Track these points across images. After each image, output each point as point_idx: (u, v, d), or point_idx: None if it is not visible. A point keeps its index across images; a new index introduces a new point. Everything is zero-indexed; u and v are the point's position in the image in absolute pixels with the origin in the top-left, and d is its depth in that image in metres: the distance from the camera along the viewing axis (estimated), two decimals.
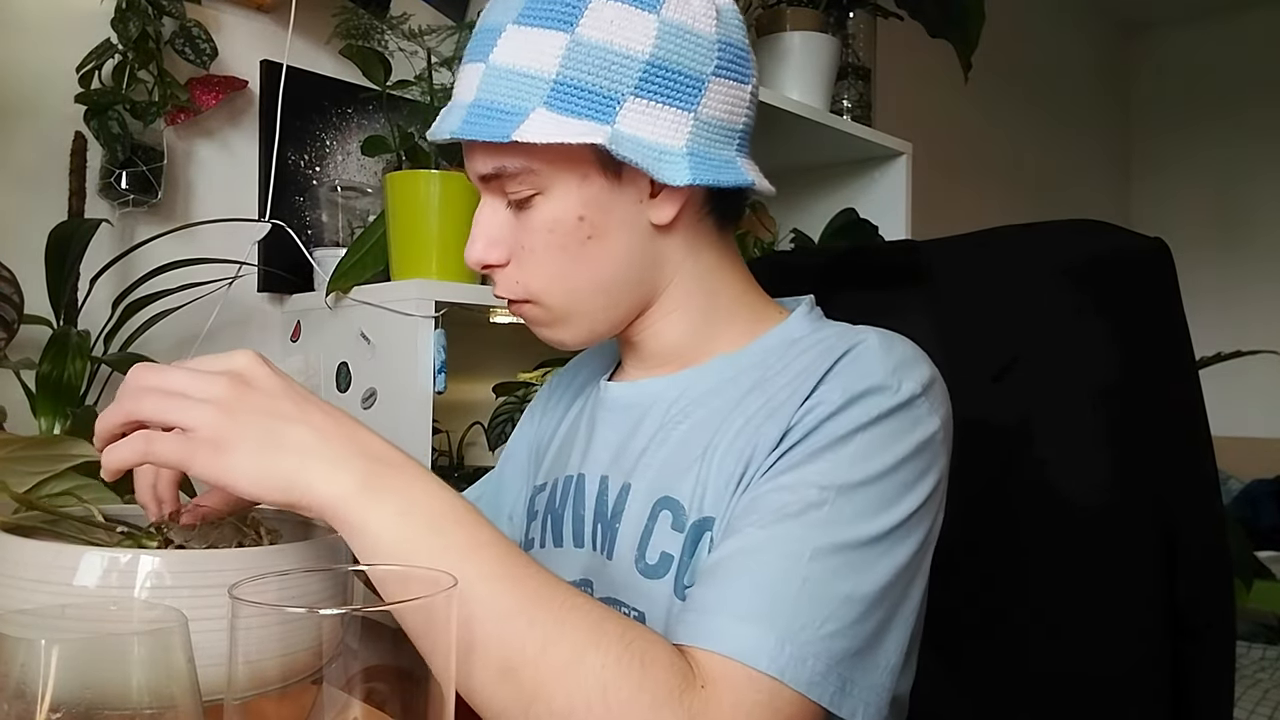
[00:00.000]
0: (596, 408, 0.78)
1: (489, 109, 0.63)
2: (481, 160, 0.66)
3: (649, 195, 0.66)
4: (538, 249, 0.66)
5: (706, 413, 0.68)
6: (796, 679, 0.52)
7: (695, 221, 0.70)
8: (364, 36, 1.26)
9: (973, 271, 0.90)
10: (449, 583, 0.42)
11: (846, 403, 0.60)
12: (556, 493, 0.77)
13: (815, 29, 1.67)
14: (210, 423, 0.50)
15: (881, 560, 0.57)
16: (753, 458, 0.62)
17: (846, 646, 0.54)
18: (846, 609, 0.54)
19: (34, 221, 1.11)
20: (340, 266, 1.25)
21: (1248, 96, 3.95)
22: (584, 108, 0.62)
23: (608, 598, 0.68)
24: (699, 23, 0.64)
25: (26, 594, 0.51)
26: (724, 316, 0.72)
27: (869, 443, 0.59)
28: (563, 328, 0.70)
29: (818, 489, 0.57)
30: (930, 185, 2.43)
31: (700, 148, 0.65)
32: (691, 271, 0.70)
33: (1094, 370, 0.80)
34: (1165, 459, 0.77)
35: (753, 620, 0.53)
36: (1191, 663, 0.75)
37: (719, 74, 0.65)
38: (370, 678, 0.42)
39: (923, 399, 0.61)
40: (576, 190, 0.65)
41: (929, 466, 0.61)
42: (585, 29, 0.62)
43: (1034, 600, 0.81)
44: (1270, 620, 2.65)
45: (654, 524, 0.66)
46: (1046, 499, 0.81)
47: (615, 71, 0.62)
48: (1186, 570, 0.75)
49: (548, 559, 0.75)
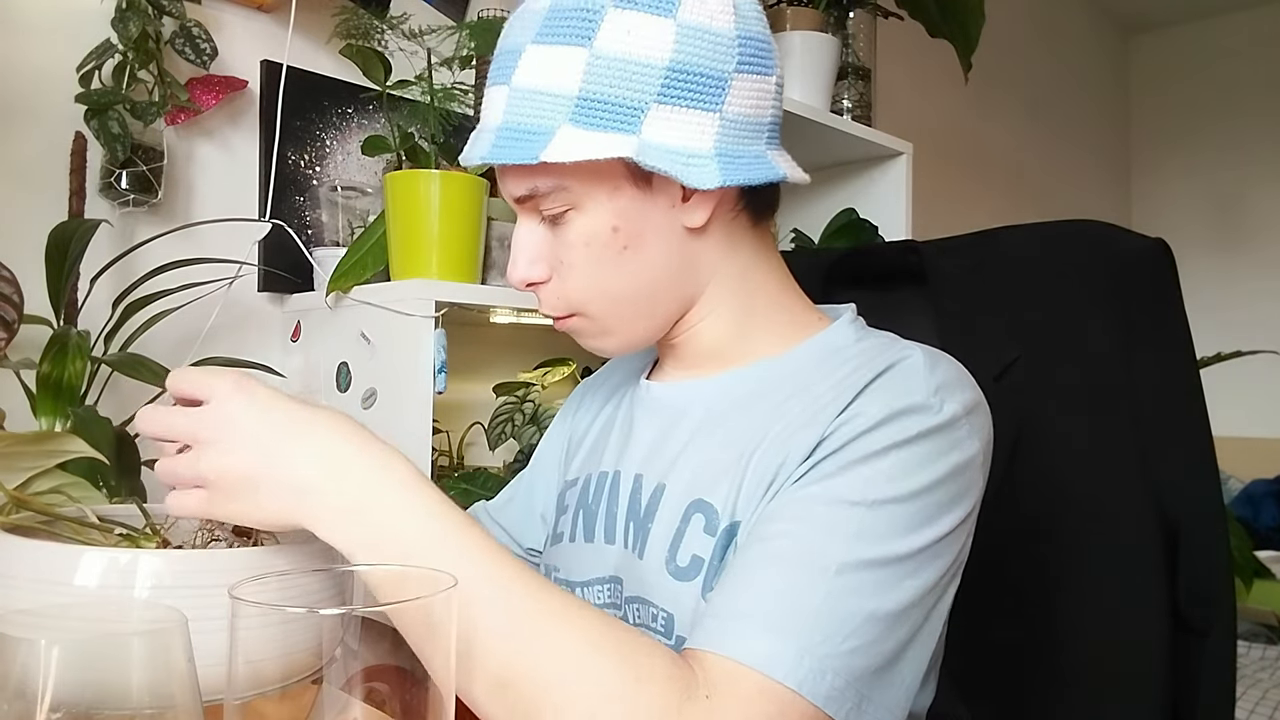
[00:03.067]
0: (635, 405, 0.78)
1: (516, 131, 0.63)
2: (514, 182, 0.66)
3: (681, 200, 0.66)
4: (576, 263, 0.66)
5: (746, 418, 0.67)
6: (814, 692, 0.51)
7: (729, 220, 0.69)
8: (364, 36, 1.26)
9: (973, 271, 0.90)
10: (448, 583, 0.42)
11: (886, 418, 0.59)
12: (590, 488, 0.77)
13: (815, 29, 1.67)
14: (213, 473, 0.54)
15: (908, 580, 0.56)
16: (784, 464, 0.61)
17: (866, 664, 0.53)
18: (869, 626, 0.54)
19: (34, 221, 1.11)
20: (340, 266, 1.25)
21: (1247, 96, 3.95)
22: (609, 121, 0.62)
23: (636, 596, 0.68)
24: (717, 21, 0.63)
25: (26, 594, 0.51)
26: (761, 316, 0.72)
27: (905, 460, 0.58)
28: (607, 337, 0.71)
29: (848, 503, 0.56)
30: (930, 185, 2.43)
31: (729, 146, 0.64)
32: (729, 271, 0.70)
33: (1095, 370, 0.80)
34: (1166, 459, 0.77)
35: (772, 629, 0.52)
36: (1191, 663, 0.75)
37: (741, 69, 0.64)
38: (370, 678, 0.42)
39: (964, 422, 0.61)
40: (608, 202, 0.65)
41: (965, 491, 0.60)
42: (603, 42, 0.62)
43: (1034, 600, 0.81)
44: (1270, 620, 2.65)
45: (686, 526, 0.66)
46: (1047, 499, 0.81)
47: (637, 81, 0.62)
48: (1187, 570, 0.75)
49: (577, 553, 0.75)
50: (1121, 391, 0.78)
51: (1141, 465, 0.77)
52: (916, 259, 0.93)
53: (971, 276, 0.89)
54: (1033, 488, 0.81)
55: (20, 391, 1.00)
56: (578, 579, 0.74)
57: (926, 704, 0.68)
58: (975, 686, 0.80)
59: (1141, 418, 0.78)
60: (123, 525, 0.62)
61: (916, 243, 0.95)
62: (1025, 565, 0.81)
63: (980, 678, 0.81)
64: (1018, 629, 0.81)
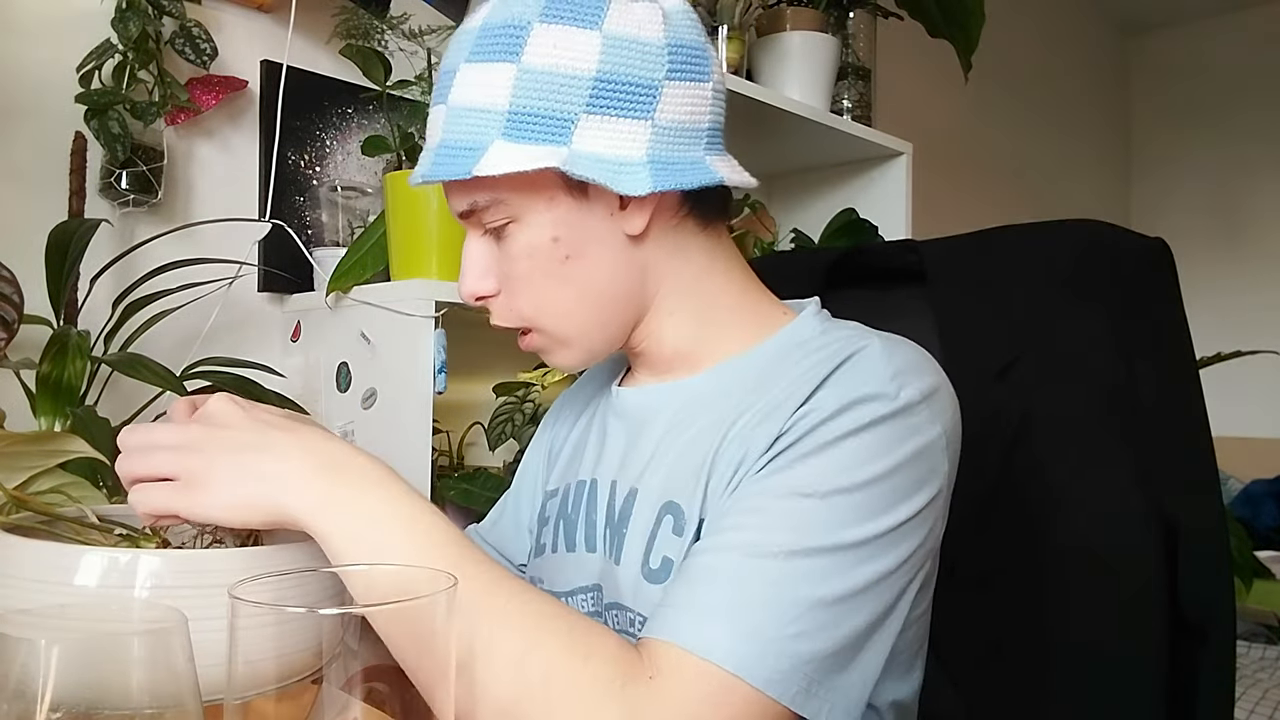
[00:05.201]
0: (608, 413, 0.78)
1: (452, 148, 0.65)
2: (455, 199, 0.68)
3: (619, 208, 0.67)
4: (521, 275, 0.68)
5: (713, 417, 0.68)
6: (754, 675, 0.52)
7: (674, 226, 0.70)
8: (364, 36, 1.26)
9: (973, 271, 0.90)
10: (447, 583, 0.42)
11: (841, 408, 0.59)
12: (569, 498, 0.77)
13: (815, 29, 1.67)
14: (186, 468, 0.54)
15: (862, 566, 0.56)
16: (744, 459, 0.62)
17: (815, 649, 0.54)
18: (817, 612, 0.54)
19: (34, 221, 1.11)
20: (340, 266, 1.25)
21: (1248, 96, 3.95)
22: (539, 133, 0.63)
23: (614, 603, 0.68)
24: (644, 30, 0.64)
25: (26, 594, 0.51)
26: (724, 317, 0.72)
27: (859, 448, 0.58)
28: (563, 351, 0.71)
29: (800, 494, 0.57)
30: (930, 185, 2.43)
31: (662, 153, 0.65)
32: (681, 275, 0.71)
33: (1094, 370, 0.80)
34: (1166, 459, 0.77)
35: (714, 616, 0.54)
36: (1191, 663, 0.75)
37: (673, 77, 0.65)
38: (370, 678, 0.42)
39: (923, 406, 0.61)
40: (547, 213, 0.66)
41: (927, 475, 0.60)
42: (530, 56, 0.63)
43: (1034, 600, 0.81)
44: (1270, 620, 2.65)
45: (658, 529, 0.67)
46: (1047, 499, 0.81)
47: (564, 93, 0.63)
48: (1186, 570, 0.75)
49: (560, 564, 0.75)
50: (1121, 391, 0.78)
51: (1141, 465, 0.77)
52: (916, 259, 0.93)
53: (971, 276, 0.89)
54: (1032, 487, 0.81)
55: (20, 391, 1.00)
56: (562, 589, 0.74)
57: (912, 691, 0.68)
58: (974, 686, 0.80)
59: (1141, 418, 0.78)
60: (123, 525, 0.62)
61: (916, 242, 0.95)
62: (1024, 565, 0.81)
63: (979, 677, 0.81)
64: (1017, 629, 0.81)
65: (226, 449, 0.55)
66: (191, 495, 0.54)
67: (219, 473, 0.54)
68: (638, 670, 0.53)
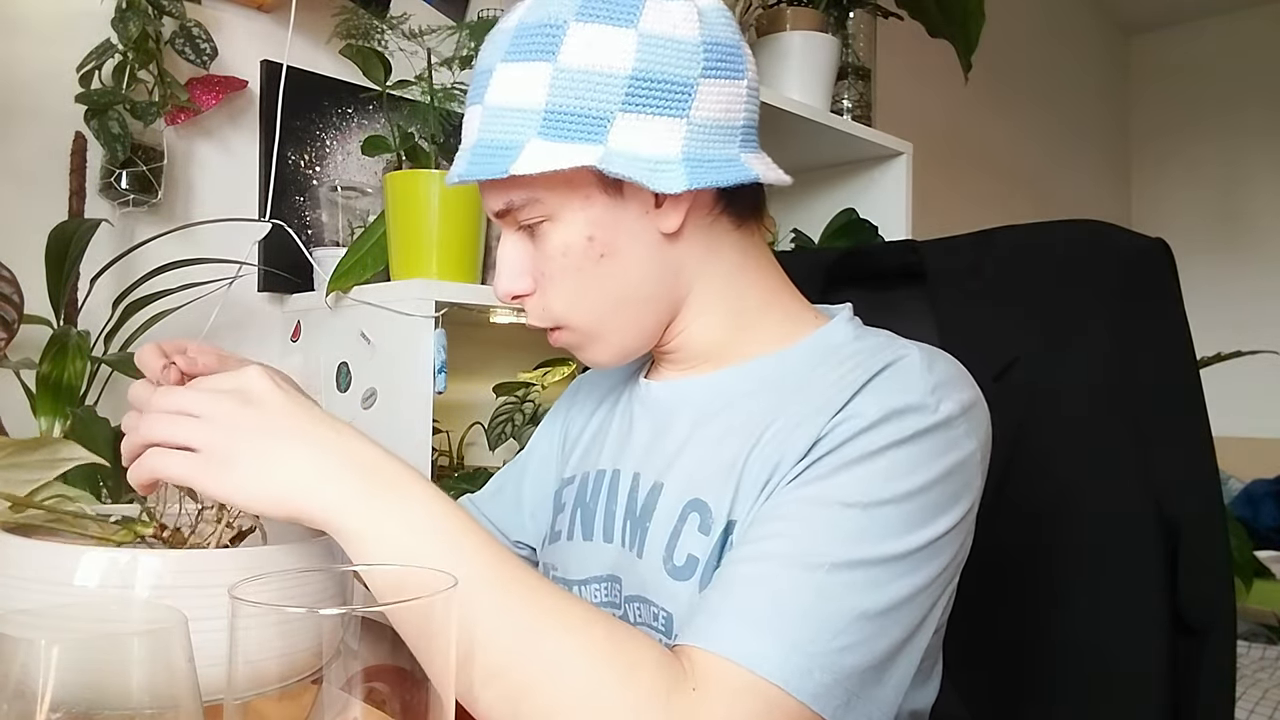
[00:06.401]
0: (633, 403, 0.78)
1: (488, 148, 0.65)
2: (491, 197, 0.68)
3: (654, 206, 0.67)
4: (555, 274, 0.68)
5: (743, 416, 0.67)
6: (800, 689, 0.51)
7: (708, 224, 0.69)
8: (364, 36, 1.26)
9: (972, 271, 0.90)
10: (447, 584, 0.42)
11: (882, 418, 0.59)
12: (588, 486, 0.77)
13: (815, 29, 1.67)
14: (213, 442, 0.52)
15: (902, 579, 0.56)
16: (780, 463, 0.61)
17: (856, 662, 0.53)
18: (860, 625, 0.54)
19: (34, 221, 1.11)
20: (340, 266, 1.25)
21: (1248, 96, 3.95)
22: (575, 132, 0.63)
23: (637, 595, 0.68)
24: (680, 28, 0.64)
25: (26, 594, 0.51)
26: (755, 316, 0.72)
27: (901, 461, 0.58)
28: (595, 348, 0.71)
29: (843, 504, 0.57)
30: (930, 185, 2.43)
31: (697, 151, 0.65)
32: (714, 274, 0.70)
33: (1094, 370, 0.80)
34: (1166, 459, 0.77)
35: (760, 626, 0.53)
36: (1191, 663, 0.75)
37: (708, 75, 0.65)
38: (370, 678, 0.42)
39: (961, 420, 0.61)
40: (582, 212, 0.66)
41: (962, 490, 0.60)
42: (566, 56, 0.63)
43: (1033, 600, 0.81)
44: (1270, 620, 2.66)
45: (683, 525, 0.66)
46: (1047, 499, 0.81)
47: (601, 91, 0.63)
48: (1187, 570, 0.75)
49: (575, 552, 0.75)
50: (1121, 391, 0.78)
51: (1141, 465, 0.77)
52: (916, 259, 0.93)
53: (971, 276, 0.89)
54: (1032, 488, 0.81)
55: (20, 391, 1.00)
56: (575, 577, 0.74)
57: (930, 702, 0.68)
58: (975, 687, 0.80)
59: (1141, 418, 0.78)
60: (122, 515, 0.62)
61: (916, 242, 0.95)
62: (1025, 565, 0.81)
63: (980, 678, 0.81)
64: (1017, 629, 0.81)
65: (261, 432, 0.52)
66: (214, 472, 0.51)
67: (248, 455, 0.52)
68: (682, 681, 0.52)
